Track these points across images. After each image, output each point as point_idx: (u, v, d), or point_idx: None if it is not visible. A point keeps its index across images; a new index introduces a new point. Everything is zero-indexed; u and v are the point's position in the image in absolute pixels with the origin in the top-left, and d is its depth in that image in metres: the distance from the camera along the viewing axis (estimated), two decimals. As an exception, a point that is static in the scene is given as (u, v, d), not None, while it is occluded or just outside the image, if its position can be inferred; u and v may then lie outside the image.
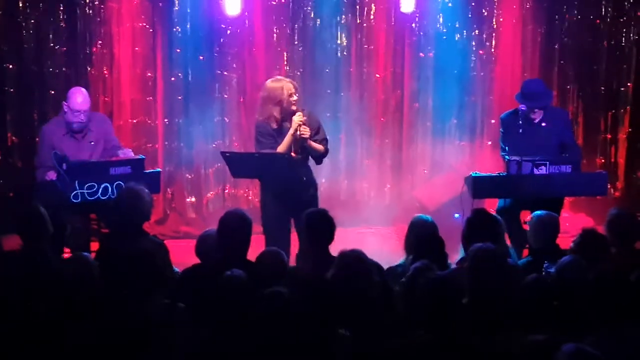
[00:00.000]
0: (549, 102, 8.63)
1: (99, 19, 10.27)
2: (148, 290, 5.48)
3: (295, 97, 7.99)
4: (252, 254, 6.43)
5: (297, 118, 7.86)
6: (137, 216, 6.82)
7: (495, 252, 5.51)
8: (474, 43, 11.06)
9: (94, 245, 7.73)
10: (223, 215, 6.43)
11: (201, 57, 10.60)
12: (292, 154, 7.90)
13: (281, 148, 7.90)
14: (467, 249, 6.56)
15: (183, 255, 8.11)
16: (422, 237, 6.57)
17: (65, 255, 7.32)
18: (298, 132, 7.86)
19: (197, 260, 6.55)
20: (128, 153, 8.40)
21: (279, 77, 8.31)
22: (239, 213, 6.45)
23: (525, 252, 7.62)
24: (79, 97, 8.29)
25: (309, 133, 7.92)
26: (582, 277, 5.45)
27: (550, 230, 6.85)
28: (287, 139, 7.90)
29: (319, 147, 8.06)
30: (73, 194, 7.73)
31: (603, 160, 11.18)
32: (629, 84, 11.06)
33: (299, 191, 8.00)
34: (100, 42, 10.32)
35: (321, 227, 6.44)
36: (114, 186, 7.79)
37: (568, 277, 5.56)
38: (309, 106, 9.63)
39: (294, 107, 7.96)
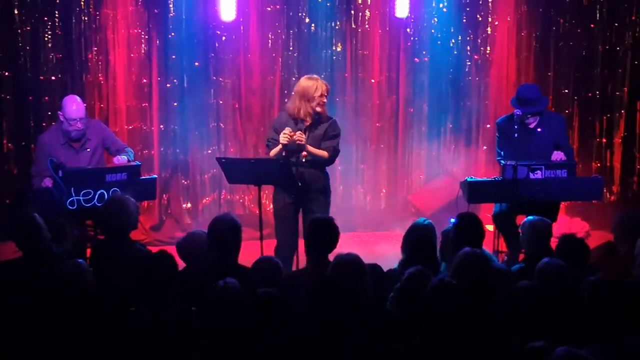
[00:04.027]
0: (543, 107, 8.64)
1: (94, 26, 10.26)
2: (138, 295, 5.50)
3: (324, 99, 8.11)
4: (247, 259, 6.45)
5: (296, 137, 7.93)
6: (122, 225, 6.82)
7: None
8: (468, 48, 11.08)
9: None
10: (212, 221, 6.45)
11: (196, 63, 10.60)
12: (303, 154, 8.01)
13: (272, 154, 8.04)
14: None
15: (179, 261, 8.12)
16: (416, 240, 6.60)
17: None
18: (295, 139, 7.91)
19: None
20: (123, 159, 8.41)
21: (314, 75, 8.36)
22: (228, 218, 6.46)
23: (522, 256, 7.62)
24: (72, 106, 8.29)
25: (304, 139, 7.95)
26: (559, 280, 5.52)
27: (543, 235, 6.86)
28: (276, 149, 7.99)
29: (321, 152, 8.09)
30: (69, 200, 7.74)
31: (599, 165, 11.18)
32: (624, 88, 11.06)
33: (307, 195, 8.03)
34: (95, 48, 10.32)
35: (323, 235, 6.45)
36: (110, 193, 7.79)
37: (545, 280, 5.63)
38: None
39: (319, 109, 8.06)
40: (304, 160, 8.02)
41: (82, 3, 10.19)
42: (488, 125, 10.98)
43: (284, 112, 8.26)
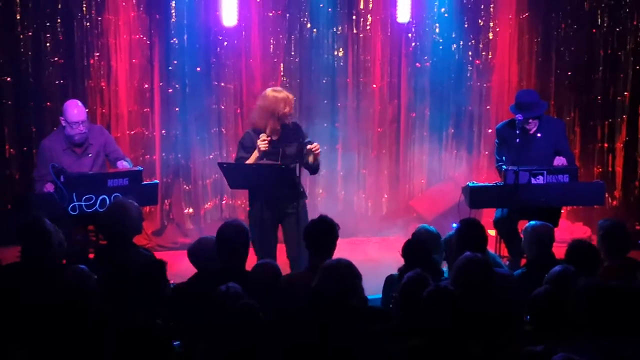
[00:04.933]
0: (542, 112, 8.62)
1: (96, 31, 10.27)
2: (140, 302, 5.49)
3: (292, 111, 8.12)
4: (248, 264, 6.45)
5: (314, 150, 7.99)
6: (125, 230, 6.82)
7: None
8: (470, 53, 11.09)
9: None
10: (220, 226, 6.45)
11: (198, 69, 10.61)
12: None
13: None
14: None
15: (181, 267, 8.11)
16: (410, 245, 6.61)
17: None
18: (312, 151, 7.97)
19: (192, 273, 6.54)
20: (125, 164, 8.43)
21: (279, 87, 8.34)
22: (236, 223, 6.47)
23: (524, 261, 7.62)
24: (74, 109, 8.31)
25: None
26: (571, 287, 5.48)
27: (545, 240, 6.84)
28: (254, 157, 7.98)
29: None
30: (71, 206, 7.75)
31: (600, 170, 11.16)
32: (625, 93, 11.05)
33: (289, 201, 8.04)
34: (97, 54, 10.32)
35: (323, 237, 6.44)
36: (112, 198, 7.80)
37: (558, 287, 5.59)
38: (305, 117, 9.77)
39: (287, 121, 8.05)
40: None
41: (84, 9, 10.20)
42: (490, 130, 10.98)
43: (251, 131, 8.13)
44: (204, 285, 5.93)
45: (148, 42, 10.50)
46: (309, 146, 7.96)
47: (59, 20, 10.16)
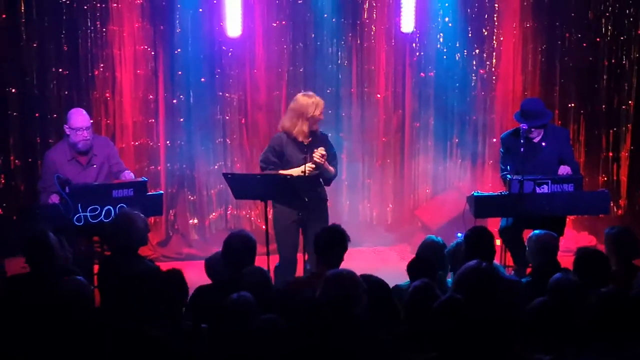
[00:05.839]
0: (547, 121, 8.61)
1: (100, 42, 10.27)
2: (145, 312, 5.50)
3: (322, 117, 8.23)
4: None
5: (317, 156, 8.01)
6: (130, 241, 6.82)
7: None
8: (474, 62, 11.08)
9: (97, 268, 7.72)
10: (227, 237, 6.48)
11: (203, 79, 10.61)
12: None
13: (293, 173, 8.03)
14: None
15: (186, 277, 8.10)
16: (415, 257, 6.63)
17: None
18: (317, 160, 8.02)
19: (198, 283, 6.55)
20: (131, 175, 8.44)
21: (310, 92, 8.40)
22: (243, 234, 6.50)
23: (529, 270, 7.61)
24: (78, 116, 8.37)
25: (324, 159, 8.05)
26: (573, 295, 5.49)
27: (549, 249, 6.85)
28: (308, 169, 8.00)
29: (331, 168, 8.17)
30: (76, 217, 7.75)
31: (605, 179, 11.16)
32: (630, 102, 11.05)
33: (312, 206, 8.05)
34: (102, 65, 10.32)
35: (331, 246, 6.44)
36: (117, 209, 7.81)
37: (560, 295, 5.60)
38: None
39: (315, 127, 8.13)
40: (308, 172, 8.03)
41: (88, 20, 10.20)
42: (494, 140, 10.97)
43: (282, 133, 8.22)
44: (211, 295, 5.96)
45: (153, 53, 10.50)
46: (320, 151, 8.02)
47: (63, 32, 10.15)
